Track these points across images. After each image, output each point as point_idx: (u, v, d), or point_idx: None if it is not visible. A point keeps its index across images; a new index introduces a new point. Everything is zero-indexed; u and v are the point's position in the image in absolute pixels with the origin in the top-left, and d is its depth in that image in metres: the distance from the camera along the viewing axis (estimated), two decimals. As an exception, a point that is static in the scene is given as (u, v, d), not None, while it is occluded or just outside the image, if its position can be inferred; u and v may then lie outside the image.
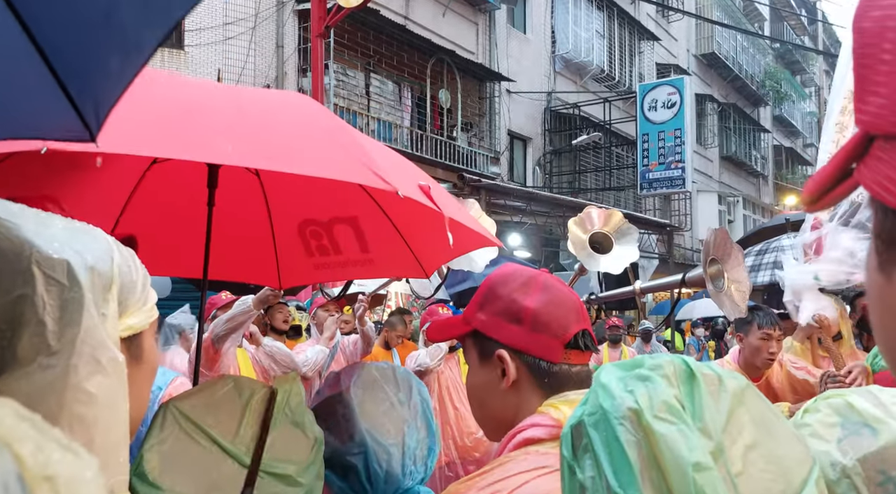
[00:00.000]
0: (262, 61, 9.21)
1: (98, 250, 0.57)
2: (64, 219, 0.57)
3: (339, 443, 1.23)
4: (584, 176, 14.54)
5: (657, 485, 0.60)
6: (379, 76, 10.76)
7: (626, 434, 0.62)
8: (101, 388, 0.53)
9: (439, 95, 11.34)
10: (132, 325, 0.60)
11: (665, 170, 13.26)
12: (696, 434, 0.63)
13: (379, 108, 10.58)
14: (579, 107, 14.24)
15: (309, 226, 2.17)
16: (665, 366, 0.68)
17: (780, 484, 0.63)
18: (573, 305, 0.93)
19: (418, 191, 1.34)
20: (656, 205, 15.93)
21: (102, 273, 0.55)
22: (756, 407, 0.69)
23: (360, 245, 2.12)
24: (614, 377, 0.68)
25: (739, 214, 18.95)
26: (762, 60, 22.53)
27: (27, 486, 0.26)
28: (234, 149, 1.12)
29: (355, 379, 1.29)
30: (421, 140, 10.85)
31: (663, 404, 0.64)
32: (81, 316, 0.52)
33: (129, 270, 0.60)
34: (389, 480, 1.20)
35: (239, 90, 1.52)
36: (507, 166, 13.02)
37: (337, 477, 1.21)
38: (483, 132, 12.49)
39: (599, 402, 0.66)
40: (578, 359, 0.92)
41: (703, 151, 18.38)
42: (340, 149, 1.32)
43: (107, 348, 0.54)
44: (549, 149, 14.18)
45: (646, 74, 16.49)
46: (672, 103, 13.22)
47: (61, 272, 0.52)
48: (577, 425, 0.67)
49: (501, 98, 12.71)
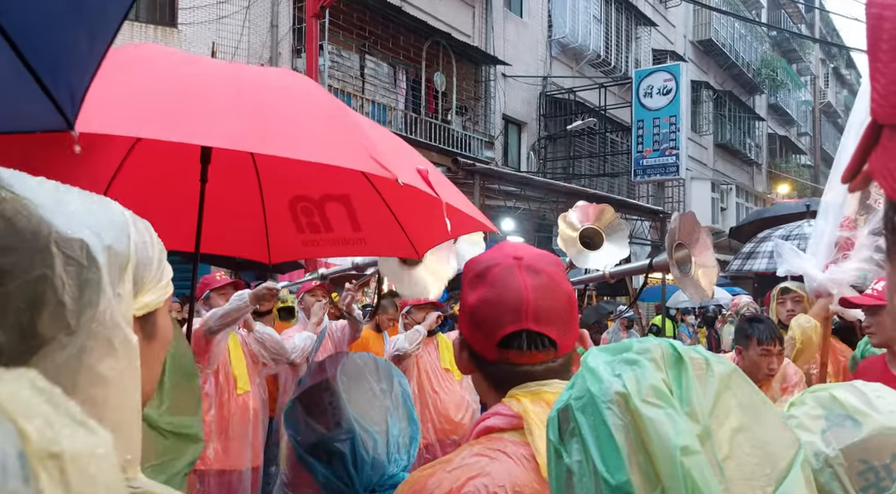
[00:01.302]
0: (256, 41, 9.10)
1: (115, 228, 0.56)
2: (81, 192, 0.56)
3: (326, 430, 1.23)
4: (579, 161, 14.52)
5: (644, 469, 0.60)
6: (374, 58, 10.66)
7: (613, 418, 0.62)
8: (113, 370, 0.53)
9: (434, 78, 11.25)
10: (148, 303, 0.60)
11: (659, 156, 13.26)
12: (683, 418, 0.63)
13: (374, 90, 10.49)
14: (575, 93, 14.17)
15: (300, 203, 2.16)
16: (653, 350, 0.68)
17: (765, 468, 0.64)
18: (513, 304, 0.86)
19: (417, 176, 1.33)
20: (650, 191, 15.94)
21: (119, 252, 0.55)
22: (743, 392, 0.69)
23: (351, 223, 2.11)
24: (602, 361, 0.68)
25: (732, 202, 19.00)
26: (759, 48, 22.45)
27: (29, 464, 0.26)
28: (233, 132, 1.11)
29: (340, 367, 1.30)
30: (415, 123, 10.79)
31: (651, 388, 0.63)
32: (99, 297, 0.52)
33: (146, 247, 0.60)
34: (375, 466, 1.21)
35: (237, 68, 1.49)
36: (501, 151, 12.98)
37: (321, 465, 1.21)
38: (478, 116, 12.42)
39: (587, 386, 0.66)
40: (521, 359, 0.87)
41: (697, 138, 18.38)
42: (341, 134, 1.31)
43: (120, 329, 0.54)
44: (544, 134, 14.13)
45: (642, 60, 16.41)
46: (668, 90, 13.18)
47: (80, 252, 0.51)
48: (564, 409, 0.67)
49: (497, 82, 12.63)
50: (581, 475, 0.62)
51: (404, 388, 1.40)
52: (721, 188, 18.81)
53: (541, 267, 0.90)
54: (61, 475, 0.26)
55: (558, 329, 0.87)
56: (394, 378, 1.39)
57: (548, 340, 0.87)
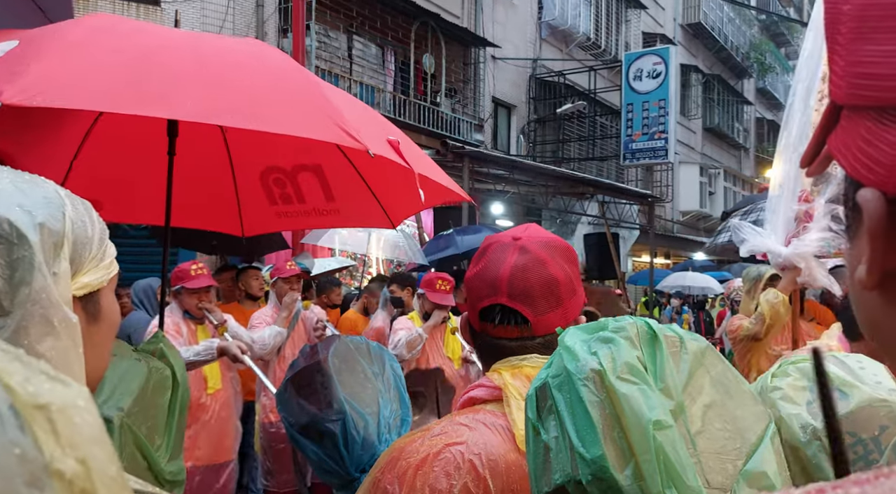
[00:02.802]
0: (241, 20, 8.96)
1: (49, 205, 0.54)
2: (12, 171, 0.55)
3: (317, 411, 1.25)
4: (568, 145, 14.50)
5: (619, 443, 0.61)
6: (362, 38, 10.53)
7: (589, 394, 0.63)
8: (54, 350, 0.52)
9: (423, 60, 11.15)
10: (88, 283, 0.58)
11: (648, 140, 13.27)
12: (657, 394, 0.64)
13: (361, 72, 10.38)
14: (564, 76, 14.11)
15: (272, 174, 2.14)
16: (628, 328, 0.69)
17: (736, 442, 0.65)
18: (493, 278, 0.90)
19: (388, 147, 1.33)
20: (638, 175, 15.98)
21: (53, 230, 0.54)
22: (715, 368, 0.70)
23: (325, 194, 2.10)
24: (578, 339, 0.69)
25: (720, 186, 19.09)
26: (748, 32, 22.42)
27: (21, 415, 0.26)
28: (196, 104, 1.09)
29: (332, 350, 1.32)
30: (404, 105, 10.71)
31: (626, 365, 0.65)
32: (32, 275, 0.51)
33: (84, 226, 0.58)
34: (366, 446, 1.23)
35: (198, 38, 1.46)
36: (490, 134, 12.93)
37: (313, 444, 1.23)
38: (467, 98, 12.35)
39: (564, 364, 0.67)
40: (496, 332, 0.90)
41: (686, 122, 18.40)
42: (308, 104, 1.29)
43: (58, 308, 0.52)
44: (534, 117, 14.09)
45: (632, 43, 16.34)
46: (657, 73, 13.15)
47: (9, 229, 0.50)
48: (542, 387, 0.68)
49: (486, 64, 12.54)
50: (558, 450, 0.63)
51: (396, 371, 1.42)
52: (709, 172, 18.89)
53: (533, 248, 0.91)
54: (51, 425, 0.27)
55: (533, 308, 0.89)
56: (385, 362, 1.41)
57: (521, 317, 0.89)
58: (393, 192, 2.00)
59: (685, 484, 0.58)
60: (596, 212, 11.44)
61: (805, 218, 2.38)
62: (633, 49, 15.66)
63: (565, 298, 0.91)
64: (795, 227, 2.39)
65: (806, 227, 2.35)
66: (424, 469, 0.77)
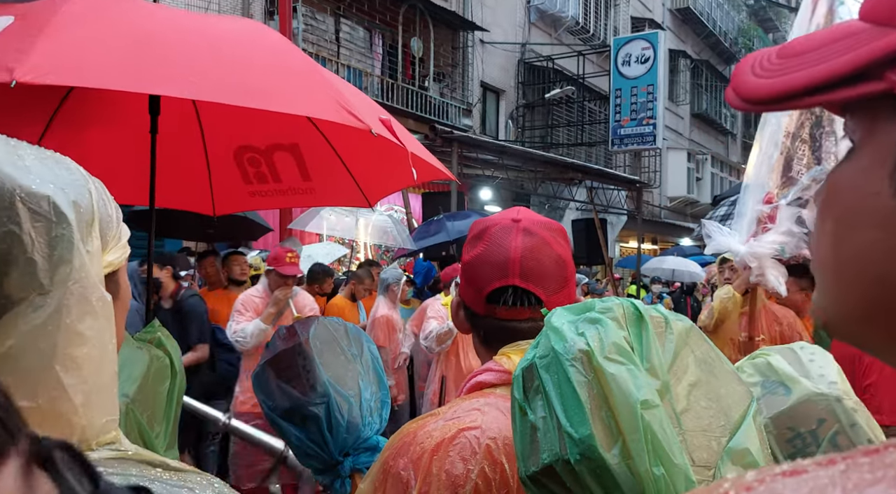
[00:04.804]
0: (226, 2, 8.82)
1: (76, 184, 0.54)
2: (31, 147, 0.54)
3: (300, 394, 1.24)
4: (557, 130, 14.49)
5: (607, 423, 0.61)
6: (349, 21, 10.41)
7: (577, 374, 0.64)
8: (93, 329, 0.52)
9: (411, 44, 11.06)
10: (112, 262, 0.58)
11: (637, 126, 13.28)
12: (644, 374, 0.64)
13: (349, 55, 10.28)
14: (553, 60, 14.06)
15: (246, 153, 2.12)
16: (615, 309, 0.69)
17: (720, 420, 0.66)
18: (502, 260, 0.89)
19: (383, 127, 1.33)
20: (626, 161, 16.02)
21: (84, 208, 0.53)
22: (700, 348, 0.71)
23: (300, 173, 2.08)
24: (566, 320, 0.69)
25: (707, 172, 19.20)
26: (736, 17, 22.43)
27: None
28: (212, 84, 1.08)
29: (313, 331, 1.31)
30: (392, 89, 10.63)
31: (613, 345, 0.65)
32: (72, 253, 0.50)
33: (105, 205, 0.58)
34: (350, 429, 1.23)
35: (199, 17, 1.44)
36: (479, 119, 12.88)
37: (295, 428, 1.22)
38: (455, 83, 12.27)
39: (551, 345, 0.67)
40: (508, 315, 0.90)
41: (674, 108, 18.44)
42: (312, 85, 1.29)
43: (96, 287, 0.52)
44: (522, 102, 14.04)
45: (620, 28, 16.30)
46: (646, 58, 13.13)
47: (48, 207, 0.49)
48: (529, 367, 0.69)
49: (475, 48, 12.46)
50: (545, 430, 0.63)
51: (373, 353, 1.42)
52: (697, 158, 18.98)
53: (536, 229, 0.92)
54: None
55: (546, 288, 0.89)
56: (363, 343, 1.40)
57: (534, 298, 0.89)
58: (370, 172, 1.99)
59: (672, 462, 0.59)
60: (584, 198, 11.48)
61: (766, 219, 2.44)
62: (621, 34, 15.62)
63: (570, 277, 0.93)
64: (756, 227, 2.46)
65: (766, 228, 2.42)
66: (440, 455, 0.76)
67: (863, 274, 0.33)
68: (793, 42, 0.39)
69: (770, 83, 0.37)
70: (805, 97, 0.36)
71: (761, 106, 0.38)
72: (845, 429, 0.87)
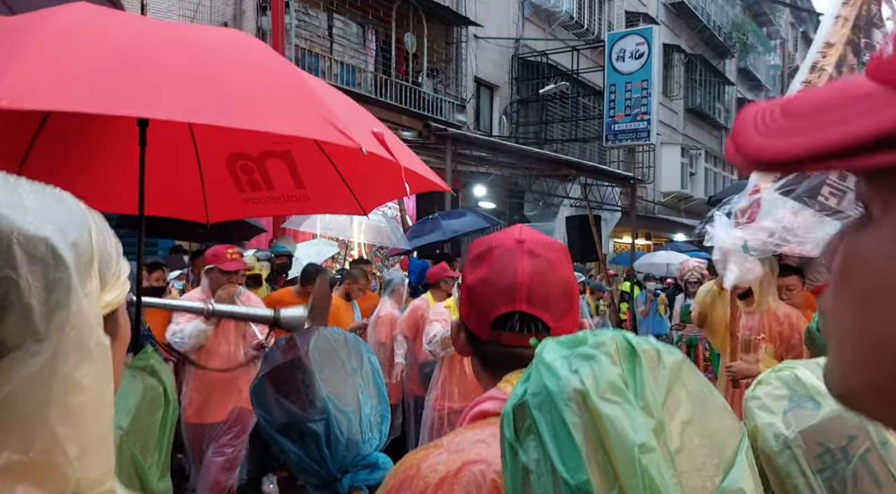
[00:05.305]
0: (217, -2, 8.74)
1: (76, 223, 0.53)
2: (30, 183, 0.53)
3: (299, 410, 1.22)
4: (551, 126, 14.47)
5: (603, 468, 0.60)
6: (342, 17, 10.34)
7: (572, 416, 0.63)
8: (90, 376, 0.51)
9: (405, 39, 10.99)
10: (110, 302, 0.57)
11: (631, 121, 13.28)
12: (639, 414, 0.64)
13: (342, 51, 10.22)
14: (547, 56, 14.02)
15: (239, 161, 2.11)
16: (608, 343, 0.69)
17: (713, 458, 0.66)
18: (507, 284, 0.86)
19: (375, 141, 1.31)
20: (620, 156, 16.02)
21: (84, 248, 0.52)
22: (691, 382, 0.71)
23: (294, 180, 2.07)
24: (558, 355, 0.68)
25: (701, 167, 19.22)
26: (730, 11, 22.42)
27: None
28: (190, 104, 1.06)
29: (313, 344, 1.28)
30: (385, 85, 10.58)
31: (608, 384, 0.64)
32: (70, 298, 0.49)
33: (105, 242, 0.56)
34: (350, 447, 1.21)
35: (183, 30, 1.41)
36: (473, 114, 12.84)
37: (293, 444, 1.20)
38: (449, 78, 12.23)
39: (544, 382, 0.66)
40: (513, 341, 0.87)
41: (668, 103, 18.44)
42: (299, 101, 1.27)
43: (94, 332, 0.51)
44: (516, 97, 14.01)
45: (615, 23, 16.26)
46: (640, 54, 13.12)
47: (45, 250, 0.48)
48: (520, 405, 0.67)
49: (468, 43, 12.41)
50: (539, 474, 0.62)
51: (373, 365, 1.39)
52: (690, 153, 19.00)
53: (541, 251, 0.90)
54: None
55: (553, 314, 0.87)
56: (363, 355, 1.37)
57: (541, 324, 0.87)
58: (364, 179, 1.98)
59: (669, 509, 0.59)
60: (578, 195, 11.47)
61: (741, 214, 2.47)
62: (616, 28, 15.58)
63: (575, 300, 0.91)
64: (736, 220, 2.48)
65: (738, 223, 2.45)
66: (444, 489, 0.75)
67: (886, 344, 0.33)
68: (797, 99, 0.37)
69: (777, 145, 0.36)
70: (816, 162, 0.34)
71: (768, 167, 0.37)
72: (876, 447, 0.86)
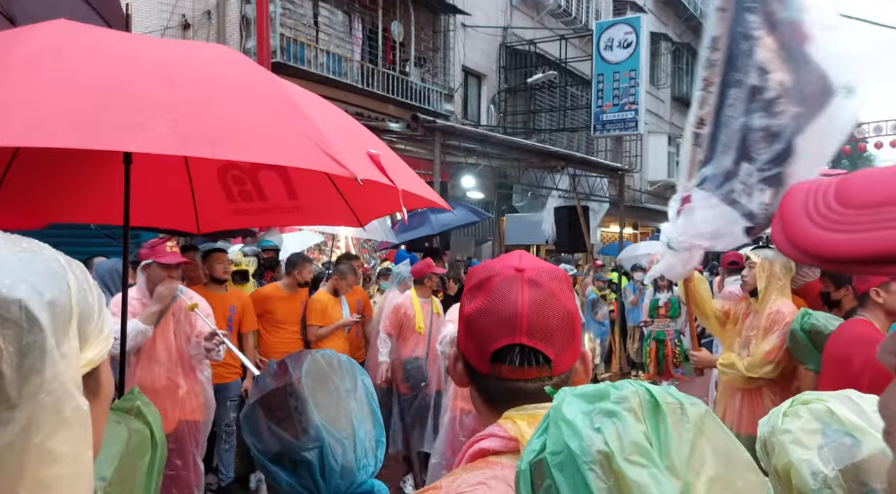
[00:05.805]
0: (200, -15, 8.55)
1: (54, 278, 0.50)
2: (8, 238, 0.50)
3: (292, 438, 1.18)
4: (539, 116, 14.42)
5: None
6: (328, 5, 10.18)
7: (596, 480, 0.59)
8: (66, 444, 0.48)
9: (391, 28, 10.86)
10: (91, 359, 0.54)
11: (619, 111, 13.26)
12: (665, 477, 0.60)
13: (328, 40, 10.06)
14: (536, 44, 13.94)
15: (230, 171, 2.08)
16: (630, 398, 0.65)
17: (741, 519, 0.62)
18: (508, 316, 0.83)
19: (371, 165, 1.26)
20: (608, 145, 16.02)
21: (62, 306, 0.49)
22: (716, 436, 0.68)
23: (287, 191, 2.04)
24: (579, 411, 0.64)
25: (687, 156, 19.29)
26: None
27: None
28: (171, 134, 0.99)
29: (305, 369, 1.23)
30: (372, 74, 10.45)
31: (633, 445, 0.60)
32: (45, 362, 0.46)
33: (85, 295, 0.53)
34: (344, 475, 1.17)
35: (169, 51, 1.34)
36: (461, 104, 12.75)
37: (285, 473, 1.16)
38: (437, 68, 12.11)
39: (565, 441, 0.62)
40: (513, 375, 0.83)
41: (655, 92, 18.45)
42: (288, 126, 1.21)
43: (71, 397, 0.48)
44: (504, 87, 13.93)
45: (602, 11, 16.19)
46: (628, 43, 13.07)
47: (18, 313, 0.45)
48: (538, 463, 0.64)
49: (456, 32, 12.29)
50: (560, 540, 0.58)
51: (367, 387, 1.36)
52: (677, 142, 19.05)
53: (543, 280, 0.86)
54: None
55: (554, 346, 0.84)
56: (356, 376, 1.34)
57: (542, 357, 0.83)
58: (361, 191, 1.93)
59: (697, 579, 0.55)
60: (567, 186, 11.46)
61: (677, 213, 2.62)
62: (603, 17, 15.52)
63: (577, 331, 0.88)
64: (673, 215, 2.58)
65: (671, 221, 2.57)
66: None
67: None
68: (853, 185, 0.33)
69: (840, 241, 0.32)
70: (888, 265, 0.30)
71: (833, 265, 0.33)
72: None
